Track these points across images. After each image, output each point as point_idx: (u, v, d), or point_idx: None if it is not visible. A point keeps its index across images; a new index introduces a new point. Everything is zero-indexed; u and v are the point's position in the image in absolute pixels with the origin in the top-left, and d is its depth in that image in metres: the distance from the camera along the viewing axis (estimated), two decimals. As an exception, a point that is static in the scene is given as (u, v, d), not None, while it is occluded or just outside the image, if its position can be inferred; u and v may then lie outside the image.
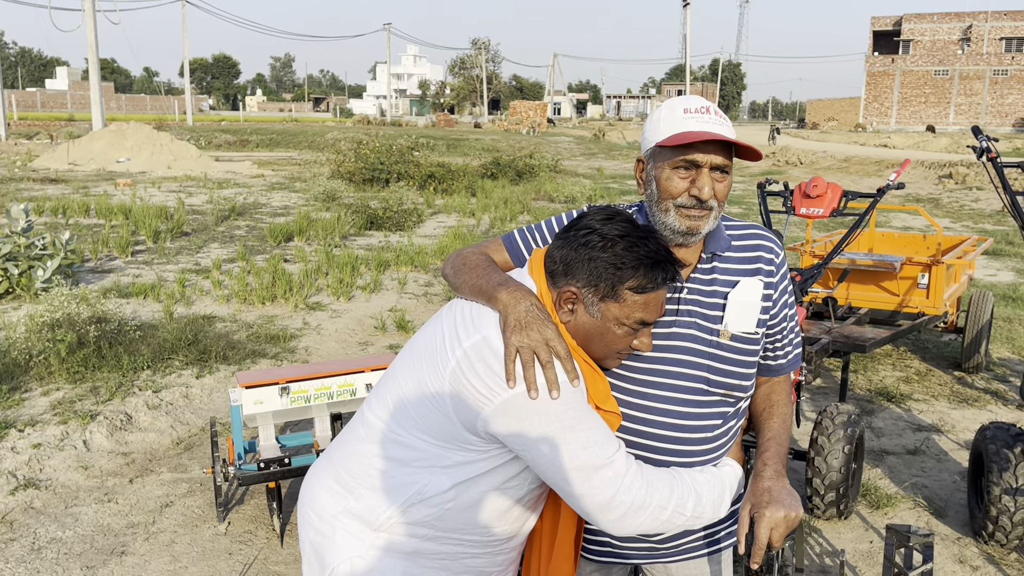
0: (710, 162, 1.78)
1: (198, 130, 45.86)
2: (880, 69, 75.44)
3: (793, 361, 2.03)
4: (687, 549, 2.02)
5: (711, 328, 1.86)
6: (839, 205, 4.66)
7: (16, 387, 5.52)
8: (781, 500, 1.77)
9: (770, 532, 1.75)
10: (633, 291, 1.68)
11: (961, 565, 3.73)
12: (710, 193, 1.78)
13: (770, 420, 1.97)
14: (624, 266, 1.67)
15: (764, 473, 1.84)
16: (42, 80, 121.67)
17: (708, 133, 1.74)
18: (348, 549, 1.76)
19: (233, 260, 10.28)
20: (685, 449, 1.88)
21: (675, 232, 1.82)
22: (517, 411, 1.60)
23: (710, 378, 1.86)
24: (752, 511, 1.79)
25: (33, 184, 18.69)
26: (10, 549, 3.72)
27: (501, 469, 1.72)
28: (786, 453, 1.92)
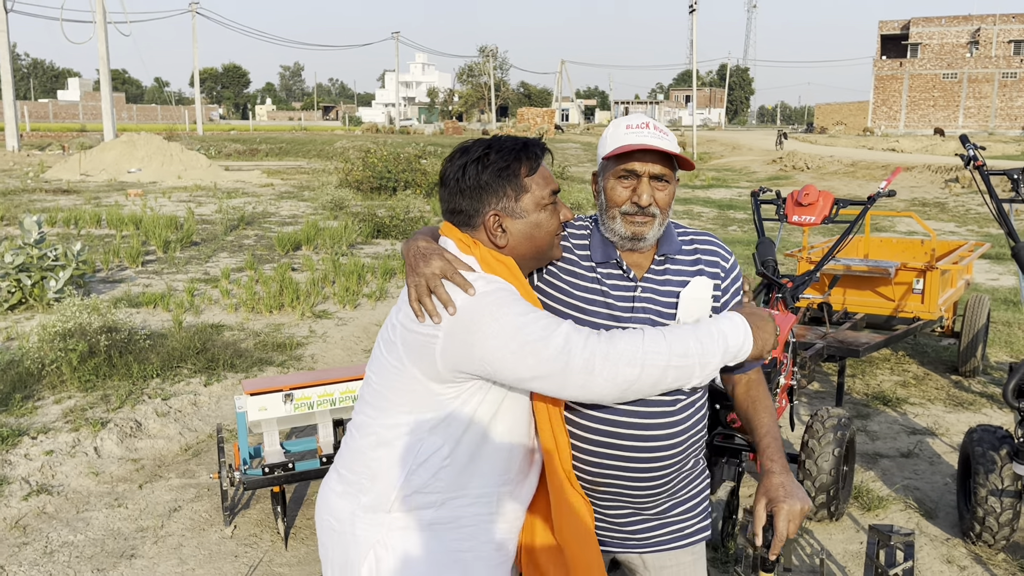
0: (648, 171, 1.97)
1: (208, 140, 46.22)
2: (888, 73, 75.33)
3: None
4: (661, 540, 2.13)
5: (664, 323, 2.01)
6: (830, 213, 4.76)
7: (29, 395, 5.66)
8: (796, 493, 1.90)
9: (788, 524, 1.87)
10: (529, 175, 1.91)
11: (949, 565, 3.81)
12: (648, 200, 1.96)
13: (759, 416, 2.09)
14: (507, 165, 1.89)
15: (773, 469, 1.95)
16: (54, 91, 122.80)
17: (645, 144, 1.93)
18: (370, 539, 1.87)
19: (242, 269, 10.43)
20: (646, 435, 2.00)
21: (623, 238, 2.01)
22: (450, 338, 1.75)
23: None
24: (768, 506, 1.90)
25: (46, 195, 18.93)
26: (23, 553, 3.84)
27: (481, 410, 1.83)
28: (783, 445, 2.04)
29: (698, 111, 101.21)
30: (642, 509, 2.10)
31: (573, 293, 2.05)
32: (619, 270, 2.05)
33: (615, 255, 2.04)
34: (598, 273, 2.05)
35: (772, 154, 36.01)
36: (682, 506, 2.15)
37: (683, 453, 2.06)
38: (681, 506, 2.15)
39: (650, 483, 2.04)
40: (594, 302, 2.03)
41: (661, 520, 2.13)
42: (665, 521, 2.13)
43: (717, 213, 18.04)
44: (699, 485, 2.19)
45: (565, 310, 2.05)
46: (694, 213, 18.04)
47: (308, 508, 4.36)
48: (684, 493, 2.15)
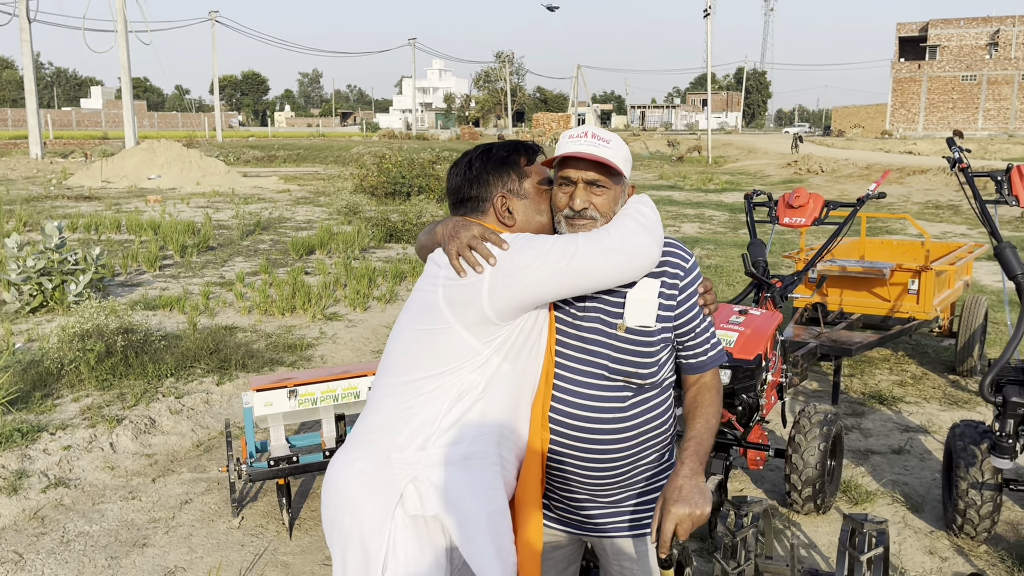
0: (582, 177, 2.12)
1: (227, 146, 46.75)
2: (907, 75, 74.88)
3: (712, 359, 2.26)
4: (618, 527, 2.27)
5: (612, 322, 2.14)
6: (820, 215, 4.88)
7: (49, 394, 5.88)
8: (689, 498, 1.96)
9: (675, 526, 1.94)
10: (528, 164, 2.20)
11: (931, 556, 3.91)
12: (581, 204, 2.11)
13: (694, 421, 2.19)
14: (508, 156, 2.19)
15: (680, 471, 2.04)
16: (77, 99, 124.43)
17: (578, 152, 2.08)
18: (406, 475, 2.02)
19: (256, 273, 10.65)
20: (594, 427, 2.14)
21: None
22: (495, 278, 2.00)
23: (609, 365, 2.13)
24: (661, 506, 1.99)
25: (68, 201, 19.30)
26: (41, 542, 4.03)
27: (512, 353, 2.07)
28: (706, 452, 2.11)
29: (715, 115, 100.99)
30: (596, 496, 2.22)
31: None
32: None
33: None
34: None
35: (787, 157, 35.95)
36: (640, 497, 2.25)
37: (635, 447, 2.17)
38: (639, 497, 2.25)
39: (600, 473, 2.17)
40: None
41: (617, 508, 2.25)
42: (621, 509, 2.25)
43: (728, 216, 18.11)
44: (663, 480, 2.28)
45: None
46: (706, 216, 18.12)
47: (312, 500, 4.53)
48: (641, 484, 2.24)
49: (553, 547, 2.35)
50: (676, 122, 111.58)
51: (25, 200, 19.10)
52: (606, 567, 2.34)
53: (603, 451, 2.14)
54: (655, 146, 52.82)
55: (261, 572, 3.81)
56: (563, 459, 2.17)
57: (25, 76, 36.03)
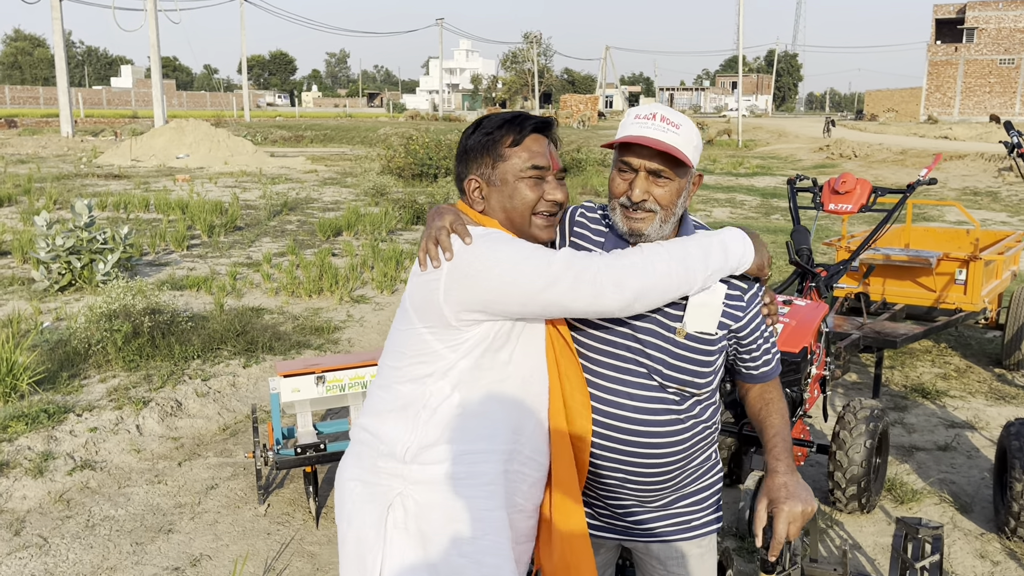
0: (644, 166, 1.90)
1: (255, 126, 46.86)
2: (943, 58, 73.34)
3: (772, 371, 2.11)
4: (665, 531, 2.12)
5: (670, 325, 1.96)
6: (868, 201, 4.68)
7: (76, 374, 5.84)
8: (798, 495, 1.86)
9: (788, 526, 1.84)
10: (512, 146, 1.91)
11: (982, 560, 3.75)
12: (640, 195, 1.89)
13: (770, 417, 2.05)
14: (491, 134, 1.92)
15: (778, 469, 1.92)
16: (107, 78, 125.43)
17: (643, 138, 1.86)
18: (392, 490, 1.87)
19: (283, 254, 10.59)
20: (645, 437, 1.98)
21: (622, 232, 1.96)
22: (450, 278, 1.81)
23: (663, 372, 1.96)
24: (770, 507, 1.88)
25: (97, 180, 19.39)
26: (66, 526, 3.98)
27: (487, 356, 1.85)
28: (791, 447, 2.01)
29: (745, 98, 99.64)
30: (645, 502, 2.09)
31: None
32: None
33: (626, 247, 1.98)
34: None
35: (819, 141, 35.37)
36: (688, 499, 2.13)
37: (689, 450, 2.04)
38: (688, 499, 2.13)
39: (651, 480, 2.03)
40: None
41: (665, 512, 2.12)
42: (670, 512, 2.12)
43: (760, 201, 17.81)
44: (709, 479, 2.16)
45: None
46: (736, 201, 17.83)
47: (340, 488, 4.43)
48: (691, 487, 2.13)
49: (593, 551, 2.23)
50: (705, 105, 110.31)
51: (55, 178, 19.22)
52: (647, 571, 2.21)
53: (655, 458, 2.00)
54: (684, 129, 52.10)
55: (287, 562, 3.73)
56: (611, 466, 2.02)
57: (56, 55, 36.27)
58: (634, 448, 1.99)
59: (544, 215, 1.93)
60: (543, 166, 1.91)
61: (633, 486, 2.04)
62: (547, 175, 1.92)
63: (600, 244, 2.04)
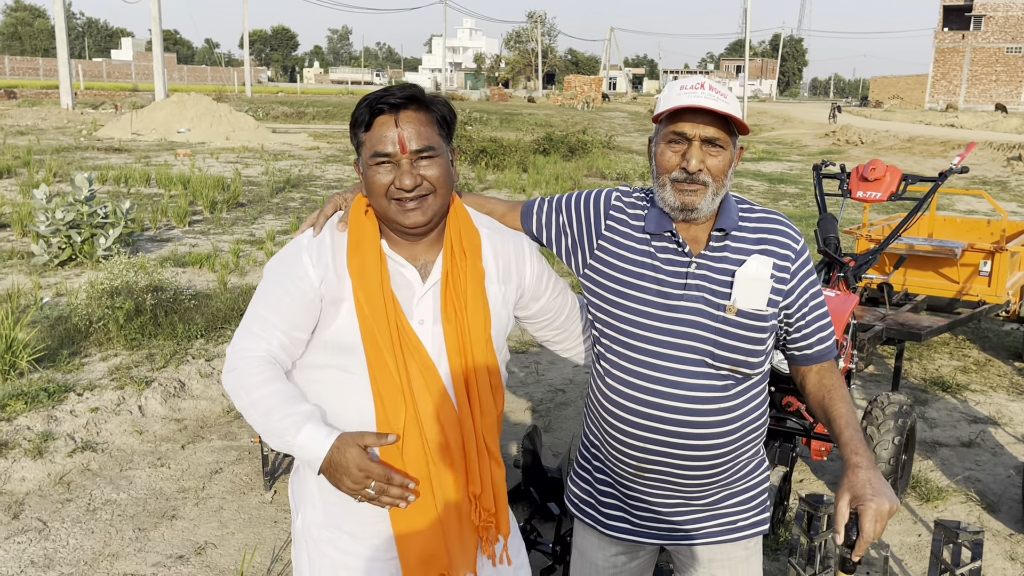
0: (699, 134, 1.81)
1: (256, 101, 46.50)
2: (950, 46, 72.85)
3: (827, 350, 2.00)
4: (711, 532, 2.02)
5: (718, 303, 1.87)
6: (898, 189, 4.52)
7: (76, 352, 5.70)
8: (884, 492, 1.75)
9: (875, 525, 1.71)
10: (364, 130, 1.80)
11: (1012, 562, 3.63)
12: (697, 165, 1.81)
13: (835, 405, 1.93)
14: (353, 117, 1.81)
15: (860, 464, 1.80)
16: (108, 51, 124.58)
17: (696, 104, 1.77)
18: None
19: (286, 231, 10.43)
20: (694, 421, 1.87)
21: (672, 208, 1.87)
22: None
23: (715, 352, 1.87)
24: (854, 503, 1.75)
25: (98, 153, 19.17)
26: (66, 509, 3.85)
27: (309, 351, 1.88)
28: (864, 438, 1.91)
29: (749, 82, 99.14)
30: (691, 499, 1.98)
31: (622, 267, 1.92)
32: (674, 244, 1.90)
33: (670, 226, 1.89)
34: (652, 247, 1.91)
35: (825, 127, 35.12)
36: (736, 497, 2.02)
37: (737, 442, 1.92)
38: (735, 497, 2.02)
39: (700, 472, 1.92)
40: (644, 277, 1.90)
41: (712, 511, 2.01)
42: (716, 512, 2.01)
43: (768, 187, 17.63)
44: (757, 476, 2.06)
45: (614, 285, 1.92)
46: (743, 186, 17.65)
47: (348, 475, 4.31)
48: (739, 484, 2.02)
49: (631, 557, 2.11)
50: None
51: (55, 150, 18.99)
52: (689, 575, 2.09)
53: (705, 447, 1.88)
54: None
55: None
56: (659, 460, 1.91)
57: (56, 26, 35.84)
58: (684, 439, 1.87)
59: (399, 201, 1.79)
60: (388, 152, 1.77)
61: (681, 480, 1.93)
62: (398, 159, 1.77)
63: (639, 228, 1.95)
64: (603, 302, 1.95)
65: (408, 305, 1.83)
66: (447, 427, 1.83)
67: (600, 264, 1.96)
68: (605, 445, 2.00)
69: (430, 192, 1.79)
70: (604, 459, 2.03)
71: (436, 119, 1.82)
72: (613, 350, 1.94)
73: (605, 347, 1.96)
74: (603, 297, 1.95)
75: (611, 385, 1.94)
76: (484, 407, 1.87)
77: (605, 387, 1.96)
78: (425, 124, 1.79)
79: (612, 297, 1.93)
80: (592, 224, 1.99)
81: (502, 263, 1.94)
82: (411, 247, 1.86)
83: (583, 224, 2.01)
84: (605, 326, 1.95)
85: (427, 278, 1.86)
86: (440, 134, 1.82)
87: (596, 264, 1.96)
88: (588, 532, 2.13)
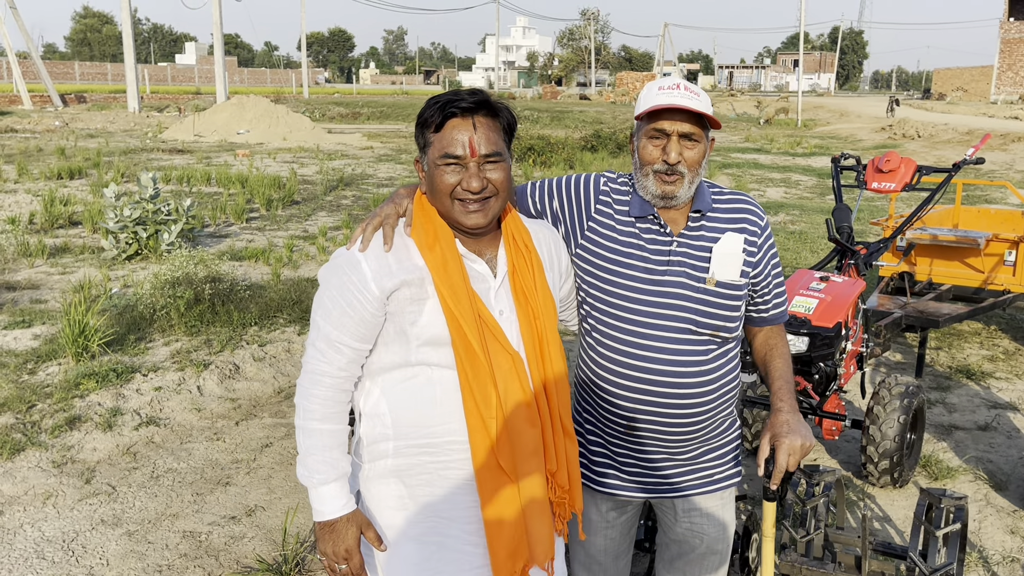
0: (677, 130, 2.06)
1: (313, 103, 47.53)
2: (1016, 36, 70.49)
3: (781, 314, 2.30)
4: (692, 485, 2.27)
5: (699, 276, 2.12)
6: (912, 180, 4.68)
7: (142, 337, 6.17)
8: (798, 430, 2.06)
9: (788, 458, 2.03)
10: (435, 132, 1.87)
11: (1012, 535, 3.79)
12: (676, 157, 2.05)
13: (774, 361, 2.25)
14: (423, 117, 1.88)
15: (782, 408, 2.12)
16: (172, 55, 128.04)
17: (673, 104, 2.02)
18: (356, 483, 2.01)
19: (338, 228, 10.87)
20: (680, 382, 2.12)
21: (654, 196, 2.12)
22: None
23: (698, 320, 2.12)
24: (772, 440, 2.07)
25: (162, 154, 20.00)
26: (133, 476, 4.27)
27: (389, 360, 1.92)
28: (794, 388, 2.19)
29: (807, 76, 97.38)
30: (675, 454, 2.22)
31: (611, 247, 2.15)
32: (657, 225, 2.14)
33: (652, 210, 2.14)
34: (637, 228, 2.15)
35: (882, 121, 34.49)
36: (713, 452, 2.27)
37: (715, 401, 2.17)
38: (712, 452, 2.27)
39: (683, 428, 2.16)
40: (631, 256, 2.13)
41: (693, 465, 2.25)
42: (697, 466, 2.26)
43: (816, 182, 17.55)
44: (730, 433, 2.31)
45: (604, 264, 2.15)
46: (792, 181, 17.60)
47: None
48: (716, 440, 2.26)
49: (621, 511, 2.36)
50: (765, 83, 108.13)
51: (123, 152, 19.88)
52: (670, 526, 2.34)
53: (689, 406, 2.14)
54: (741, 108, 51.37)
55: (336, 515, 3.94)
56: (648, 419, 2.16)
57: (124, 32, 37.25)
58: (671, 398, 2.13)
59: (463, 202, 1.87)
60: (458, 155, 1.84)
61: (667, 438, 2.18)
62: (467, 162, 1.84)
63: (625, 212, 2.18)
64: (595, 279, 2.18)
65: (486, 298, 1.91)
66: (530, 411, 1.92)
67: (591, 244, 2.18)
68: (598, 408, 2.23)
69: (493, 195, 1.87)
70: (596, 421, 2.26)
71: (503, 125, 1.90)
72: (605, 322, 2.17)
73: (597, 319, 2.19)
74: (594, 275, 2.18)
75: (604, 354, 2.17)
76: (559, 387, 2.00)
77: (598, 356, 2.19)
78: (493, 130, 1.87)
79: (603, 274, 2.16)
80: (583, 206, 2.22)
81: (547, 252, 2.09)
82: (475, 243, 1.95)
83: (575, 207, 2.23)
84: (597, 300, 2.18)
85: (496, 271, 1.96)
86: (504, 140, 1.90)
87: (587, 244, 2.19)
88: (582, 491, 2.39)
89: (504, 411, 1.88)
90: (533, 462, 1.92)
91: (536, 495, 1.93)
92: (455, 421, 1.89)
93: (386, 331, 1.90)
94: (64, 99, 41.35)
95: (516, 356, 1.91)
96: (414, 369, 1.89)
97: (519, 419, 1.90)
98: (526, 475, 1.91)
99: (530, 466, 1.92)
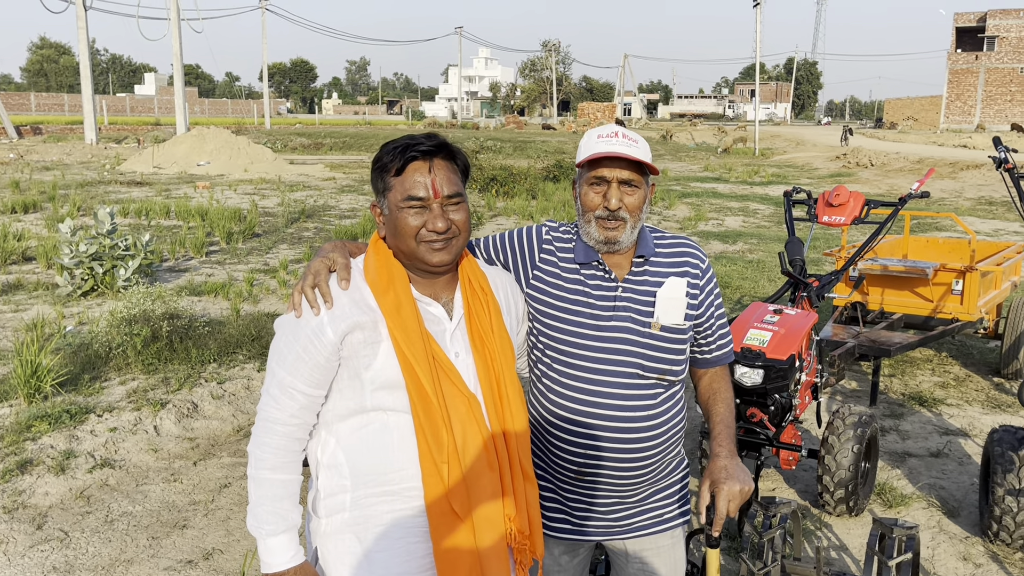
0: (616, 177, 2.11)
1: (275, 133, 47.36)
2: (963, 67, 72.88)
3: (724, 356, 2.33)
4: (642, 526, 2.29)
5: (644, 321, 2.15)
6: (861, 214, 4.81)
7: (97, 376, 6.06)
8: (736, 476, 2.08)
9: (728, 503, 2.05)
10: (395, 175, 1.91)
11: (964, 562, 3.86)
12: (617, 203, 2.10)
13: (716, 406, 2.27)
14: (381, 161, 1.93)
15: (720, 453, 2.15)
16: (131, 86, 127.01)
17: (612, 152, 2.07)
18: (311, 546, 1.99)
19: (300, 260, 10.82)
20: (628, 427, 2.14)
21: (598, 241, 2.15)
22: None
23: (644, 364, 2.15)
24: (711, 487, 2.09)
25: (120, 187, 19.76)
26: (86, 521, 4.18)
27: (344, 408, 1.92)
28: (734, 433, 2.23)
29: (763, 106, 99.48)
30: (625, 497, 2.24)
31: (557, 295, 2.18)
32: (602, 271, 2.17)
33: (596, 256, 2.17)
34: (582, 275, 2.18)
35: (836, 150, 35.32)
36: (661, 493, 2.29)
37: (663, 443, 2.20)
38: (660, 493, 2.29)
39: (632, 471, 2.18)
40: (578, 303, 2.16)
41: (641, 507, 2.27)
42: (645, 508, 2.28)
43: (773, 210, 17.87)
44: (678, 472, 2.33)
45: (551, 311, 2.18)
46: (750, 210, 17.91)
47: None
48: (664, 480, 2.28)
49: (573, 555, 2.37)
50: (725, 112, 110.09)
51: (80, 185, 19.61)
52: (622, 567, 2.35)
53: (637, 449, 2.16)
54: (700, 137, 52.23)
55: (295, 556, 3.90)
56: (594, 462, 2.17)
57: (81, 62, 36.90)
58: (620, 443, 2.15)
59: (428, 242, 1.91)
60: (421, 197, 1.89)
61: (616, 481, 2.19)
62: (430, 203, 1.90)
63: (569, 259, 2.21)
64: (542, 326, 2.21)
65: (441, 340, 1.93)
66: (488, 453, 1.92)
67: (537, 292, 2.22)
68: (548, 454, 2.24)
69: (456, 235, 1.92)
70: (547, 467, 2.27)
71: (460, 167, 1.97)
72: (553, 368, 2.20)
73: (546, 365, 2.22)
74: (542, 322, 2.21)
75: (552, 399, 2.19)
76: (518, 429, 2.00)
77: (547, 401, 2.21)
78: (452, 171, 1.93)
79: (550, 322, 2.19)
80: (527, 256, 2.26)
81: (503, 296, 2.12)
82: (431, 286, 1.97)
83: (519, 258, 2.27)
84: (545, 347, 2.21)
85: (452, 313, 1.98)
86: (462, 180, 1.98)
87: (533, 292, 2.22)
88: None
89: (460, 454, 1.88)
90: (491, 507, 1.91)
91: (494, 541, 1.92)
92: (413, 466, 1.89)
93: (340, 377, 1.90)
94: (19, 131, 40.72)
95: (473, 398, 1.92)
96: (370, 416, 1.90)
97: (476, 462, 1.90)
98: (483, 520, 1.90)
99: (488, 511, 1.91)
